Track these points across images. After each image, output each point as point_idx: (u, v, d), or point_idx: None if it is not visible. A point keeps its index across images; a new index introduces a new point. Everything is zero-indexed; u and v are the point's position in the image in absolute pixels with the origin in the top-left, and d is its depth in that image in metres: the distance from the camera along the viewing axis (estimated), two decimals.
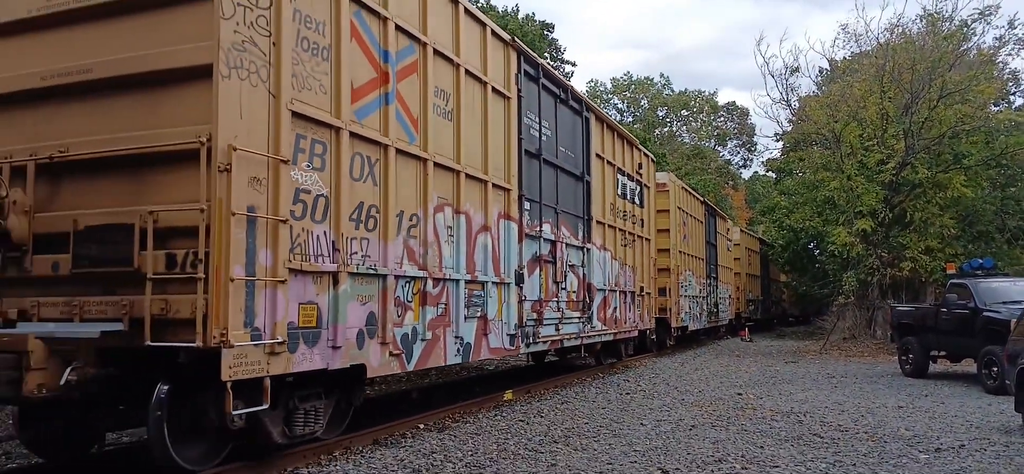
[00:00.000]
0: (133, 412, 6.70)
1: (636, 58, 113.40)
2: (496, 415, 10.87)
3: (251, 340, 6.12)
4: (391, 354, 8.02)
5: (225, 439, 6.70)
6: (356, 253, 7.50)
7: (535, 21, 33.99)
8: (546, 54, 32.54)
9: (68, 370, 5.94)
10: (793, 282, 44.42)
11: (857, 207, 25.45)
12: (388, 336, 7.91)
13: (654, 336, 20.72)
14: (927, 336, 16.94)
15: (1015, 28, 27.82)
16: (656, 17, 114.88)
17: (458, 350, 9.43)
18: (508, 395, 12.12)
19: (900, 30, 27.81)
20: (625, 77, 57.56)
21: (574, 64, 44.64)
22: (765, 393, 14.07)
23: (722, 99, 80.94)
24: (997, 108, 29.75)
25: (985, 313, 15.02)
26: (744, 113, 63.21)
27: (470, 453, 8.45)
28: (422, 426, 9.78)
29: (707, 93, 61.56)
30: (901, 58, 25.60)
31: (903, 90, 25.24)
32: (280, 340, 6.42)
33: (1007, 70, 31.39)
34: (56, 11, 6.63)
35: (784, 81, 34.77)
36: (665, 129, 56.49)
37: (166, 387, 6.15)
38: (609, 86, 57.14)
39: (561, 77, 13.89)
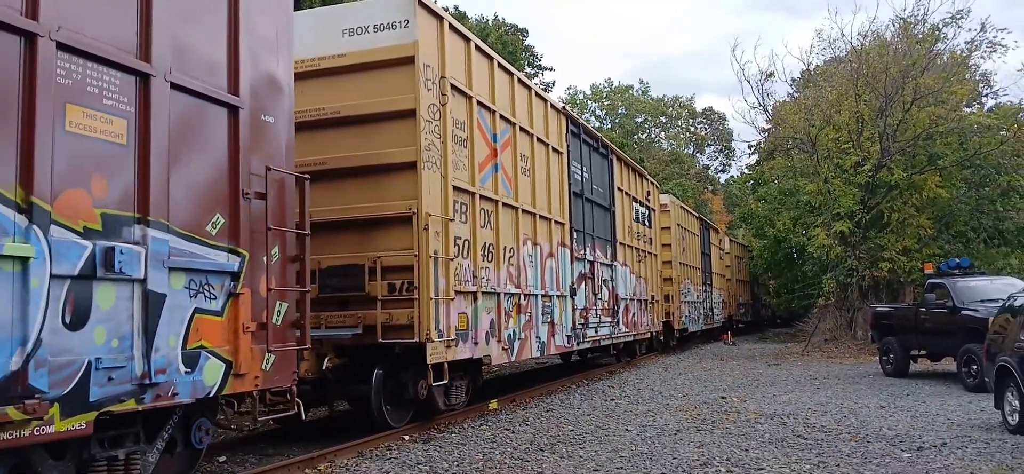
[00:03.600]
0: (350, 388, 11.35)
1: (620, 67, 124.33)
2: (481, 424, 12.44)
3: (439, 338, 10.91)
4: (503, 349, 12.95)
5: (410, 406, 11.53)
6: (483, 278, 12.38)
7: (506, 25, 39.13)
8: (522, 59, 37.85)
9: (326, 359, 10.62)
10: (773, 288, 50.56)
11: (834, 209, 28.97)
12: (502, 336, 12.86)
13: (661, 337, 26.38)
14: (907, 336, 18.98)
15: (986, 32, 31.56)
16: (640, 27, 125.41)
17: (538, 346, 14.47)
18: (493, 404, 13.94)
19: (874, 34, 31.53)
20: (605, 83, 63.59)
21: (552, 69, 50.02)
22: (749, 396, 15.83)
23: (701, 105, 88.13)
24: (969, 109, 32.78)
25: (963, 312, 16.71)
26: (722, 118, 69.75)
27: (456, 463, 9.66)
28: (407, 437, 11.21)
29: (685, 99, 68.38)
30: (875, 62, 29.12)
31: (877, 94, 28.76)
32: (452, 338, 11.25)
33: (978, 72, 35.12)
34: (298, 121, 11.29)
35: (760, 86, 39.99)
36: (643, 135, 62.70)
37: (380, 371, 10.94)
38: (589, 92, 63.19)
39: (594, 131, 19.25)
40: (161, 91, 6.77)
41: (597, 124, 58.97)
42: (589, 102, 62.22)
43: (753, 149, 41.88)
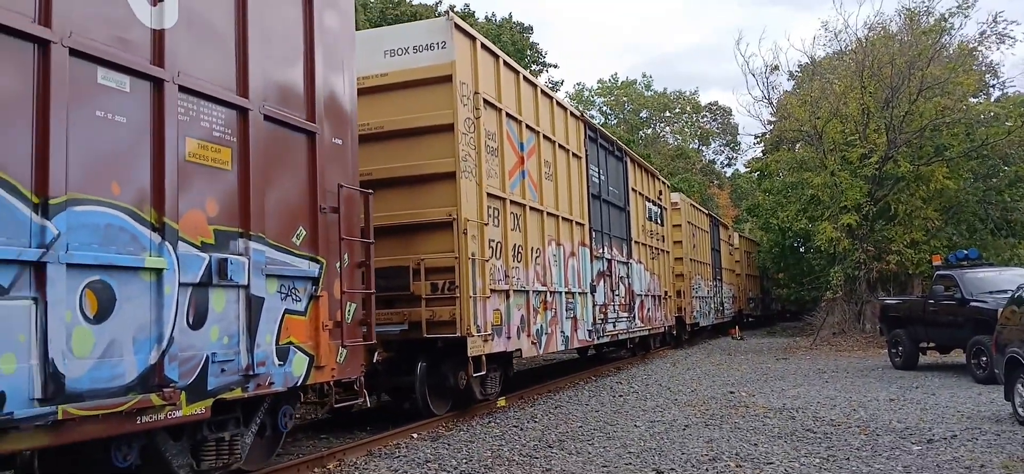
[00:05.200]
0: (397, 379, 12.76)
1: (625, 62, 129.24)
2: (490, 422, 12.92)
3: (477, 333, 12.34)
4: (532, 342, 14.43)
5: (450, 396, 12.99)
6: (514, 277, 13.84)
7: (515, 24, 40.83)
8: (528, 58, 39.48)
9: (376, 353, 12.04)
10: (781, 281, 52.03)
11: (842, 202, 29.99)
12: (531, 331, 14.34)
13: (674, 331, 28.20)
14: (916, 328, 19.58)
15: (998, 24, 32.16)
16: (644, 22, 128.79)
17: (562, 340, 16.01)
18: (501, 401, 14.47)
19: (880, 27, 32.66)
20: (611, 79, 65.41)
21: (556, 66, 51.92)
22: (757, 390, 16.31)
23: (705, 99, 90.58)
24: (976, 100, 34.41)
25: (972, 303, 17.21)
26: (727, 112, 71.86)
27: (465, 461, 9.95)
28: (416, 436, 11.67)
29: (689, 93, 70.23)
30: (880, 53, 30.13)
31: (883, 85, 29.88)
32: (488, 333, 12.69)
33: (985, 62, 35.69)
34: None
35: (765, 79, 41.09)
36: (649, 130, 64.55)
37: (424, 364, 12.37)
38: (595, 87, 65.17)
39: (610, 135, 20.87)
40: (257, 122, 8.18)
41: (602, 120, 60.86)
42: (595, 98, 64.27)
43: (759, 140, 43.22)
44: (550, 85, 39.97)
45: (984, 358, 16.05)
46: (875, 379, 17.89)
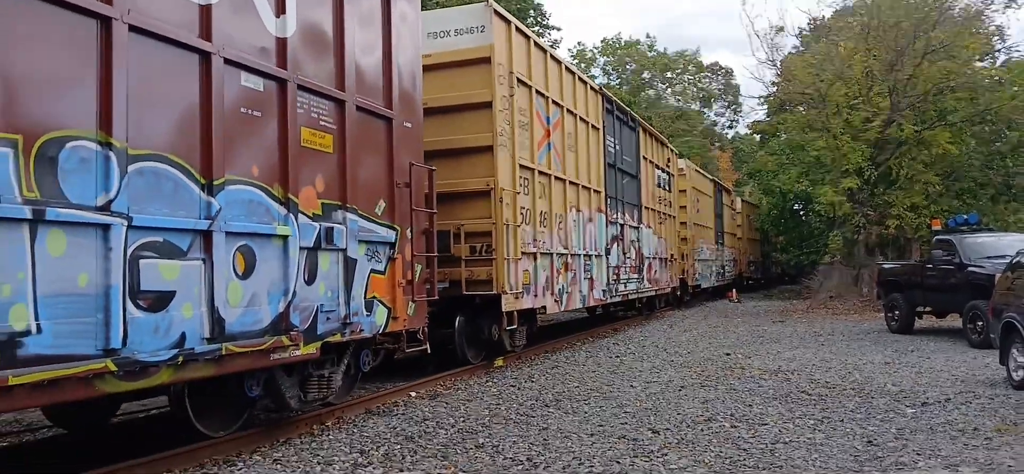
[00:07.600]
0: (437, 332, 15.07)
1: (630, 24, 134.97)
2: (487, 381, 13.70)
3: (510, 291, 14.80)
4: (555, 300, 16.96)
5: (484, 347, 15.45)
6: (541, 241, 16.30)
7: None
8: (532, 19, 41.66)
9: None
10: (781, 244, 54.86)
11: (843, 166, 31.93)
12: (554, 290, 16.86)
13: (678, 292, 31.19)
14: (913, 292, 20.66)
15: None
16: None
17: (580, 299, 18.64)
18: (499, 361, 15.62)
19: None
20: (615, 38, 68.01)
21: (559, 28, 53.68)
22: (753, 352, 17.11)
23: (709, 61, 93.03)
24: (982, 63, 35.58)
25: (970, 268, 18.10)
26: (729, 73, 75.00)
27: (462, 419, 10.53)
28: (414, 394, 12.38)
29: (690, 52, 72.96)
30: (886, 15, 31.64)
31: (888, 48, 31.71)
32: (519, 291, 15.16)
33: (993, 25, 36.60)
34: None
35: (769, 40, 43.03)
36: (651, 91, 67.03)
37: (461, 318, 14.84)
38: (599, 46, 67.87)
39: (626, 107, 23.49)
40: (351, 112, 10.49)
41: (605, 80, 63.26)
42: (599, 57, 66.76)
43: (762, 101, 45.31)
44: (551, 44, 42.25)
45: (980, 323, 16.83)
46: (871, 343, 18.88)
